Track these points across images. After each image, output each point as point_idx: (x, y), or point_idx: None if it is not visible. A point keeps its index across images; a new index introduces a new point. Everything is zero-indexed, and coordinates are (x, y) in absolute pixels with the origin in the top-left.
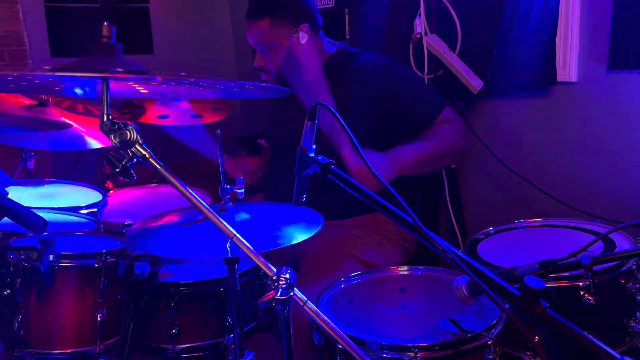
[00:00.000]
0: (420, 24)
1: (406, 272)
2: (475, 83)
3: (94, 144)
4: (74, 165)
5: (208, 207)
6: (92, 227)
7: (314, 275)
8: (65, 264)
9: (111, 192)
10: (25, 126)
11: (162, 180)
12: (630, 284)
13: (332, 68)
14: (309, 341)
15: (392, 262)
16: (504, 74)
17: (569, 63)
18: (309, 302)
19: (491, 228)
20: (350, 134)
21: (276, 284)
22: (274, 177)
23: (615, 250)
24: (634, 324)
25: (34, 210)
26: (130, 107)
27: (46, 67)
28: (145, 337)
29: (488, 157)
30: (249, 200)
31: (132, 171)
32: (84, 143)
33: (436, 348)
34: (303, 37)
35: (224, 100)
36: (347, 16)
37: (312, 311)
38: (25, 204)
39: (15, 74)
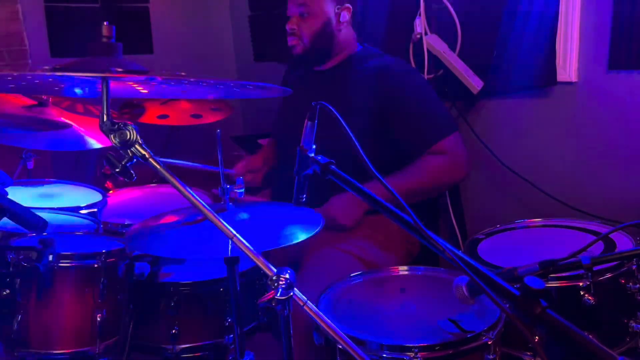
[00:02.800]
0: (420, 24)
1: (406, 272)
2: (475, 83)
3: (94, 144)
4: (74, 165)
5: (208, 207)
6: (92, 227)
7: (315, 274)
8: (65, 264)
9: (111, 192)
10: (25, 126)
11: (162, 180)
12: (630, 284)
13: (352, 63)
14: (309, 341)
15: (395, 263)
16: (504, 74)
17: (569, 63)
18: (309, 302)
19: (491, 228)
20: (351, 134)
21: (276, 284)
22: (281, 175)
23: (616, 250)
24: (634, 324)
25: (34, 210)
26: (130, 107)
27: (46, 67)
28: (145, 337)
29: (488, 157)
30: (254, 197)
31: (132, 171)
32: (84, 143)
33: (436, 348)
34: (344, 17)
35: (224, 100)
36: None
37: (312, 311)
38: (25, 204)
39: (15, 74)
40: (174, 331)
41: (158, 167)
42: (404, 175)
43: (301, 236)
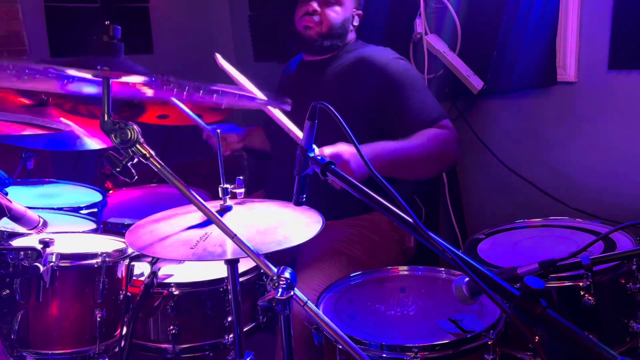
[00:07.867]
0: (420, 24)
1: (406, 272)
2: (475, 83)
3: (94, 144)
4: (74, 165)
5: (208, 207)
6: (92, 227)
7: (309, 273)
8: (65, 264)
9: (111, 192)
10: (25, 126)
11: (162, 180)
12: (630, 284)
13: (340, 54)
14: (309, 341)
15: (389, 262)
16: (504, 74)
17: (569, 63)
18: (309, 302)
19: (491, 228)
20: (349, 131)
21: (276, 284)
22: (275, 172)
23: (616, 251)
24: (634, 324)
25: (34, 210)
26: (130, 107)
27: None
28: (145, 337)
29: (488, 157)
30: (249, 197)
31: (132, 171)
32: (84, 143)
33: (436, 348)
34: (356, 20)
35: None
36: None
37: (312, 311)
38: (25, 204)
39: (15, 67)
40: (174, 331)
41: (158, 166)
42: (411, 140)
43: (302, 236)
